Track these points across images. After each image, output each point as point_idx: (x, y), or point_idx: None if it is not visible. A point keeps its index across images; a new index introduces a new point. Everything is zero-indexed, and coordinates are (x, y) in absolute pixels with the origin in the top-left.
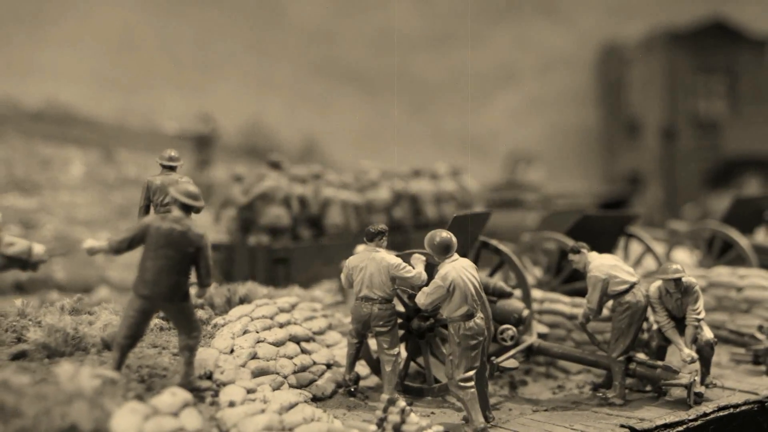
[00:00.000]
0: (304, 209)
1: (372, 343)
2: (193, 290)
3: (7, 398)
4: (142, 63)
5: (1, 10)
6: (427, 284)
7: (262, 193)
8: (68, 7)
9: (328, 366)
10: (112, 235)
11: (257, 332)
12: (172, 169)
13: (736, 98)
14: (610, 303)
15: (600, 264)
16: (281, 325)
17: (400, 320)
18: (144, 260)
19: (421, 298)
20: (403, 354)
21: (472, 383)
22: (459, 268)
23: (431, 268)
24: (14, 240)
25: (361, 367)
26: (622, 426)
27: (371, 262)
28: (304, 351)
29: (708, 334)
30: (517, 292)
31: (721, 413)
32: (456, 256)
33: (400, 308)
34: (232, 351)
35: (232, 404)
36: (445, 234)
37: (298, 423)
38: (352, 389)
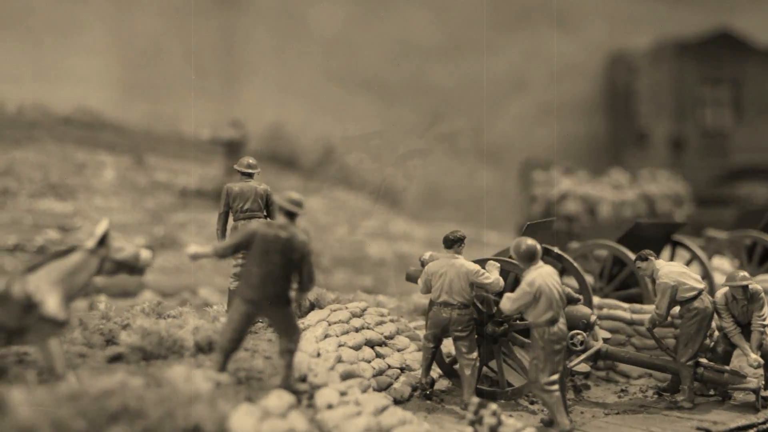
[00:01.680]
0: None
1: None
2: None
3: (128, 400)
4: (167, 70)
5: (32, 19)
6: (504, 291)
7: (563, 194)
8: (96, 16)
9: (402, 370)
10: (142, 239)
11: (337, 336)
12: (249, 176)
13: (743, 108)
14: (675, 309)
15: (669, 271)
16: (357, 330)
17: None
18: (249, 266)
19: (507, 304)
20: None
21: (557, 386)
22: (544, 275)
23: (505, 275)
24: (123, 245)
25: (432, 371)
26: (699, 429)
27: (450, 268)
28: (378, 355)
29: None
30: None
31: None
32: (540, 263)
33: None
34: (318, 354)
35: (330, 406)
36: (530, 242)
37: (394, 425)
38: (428, 392)
